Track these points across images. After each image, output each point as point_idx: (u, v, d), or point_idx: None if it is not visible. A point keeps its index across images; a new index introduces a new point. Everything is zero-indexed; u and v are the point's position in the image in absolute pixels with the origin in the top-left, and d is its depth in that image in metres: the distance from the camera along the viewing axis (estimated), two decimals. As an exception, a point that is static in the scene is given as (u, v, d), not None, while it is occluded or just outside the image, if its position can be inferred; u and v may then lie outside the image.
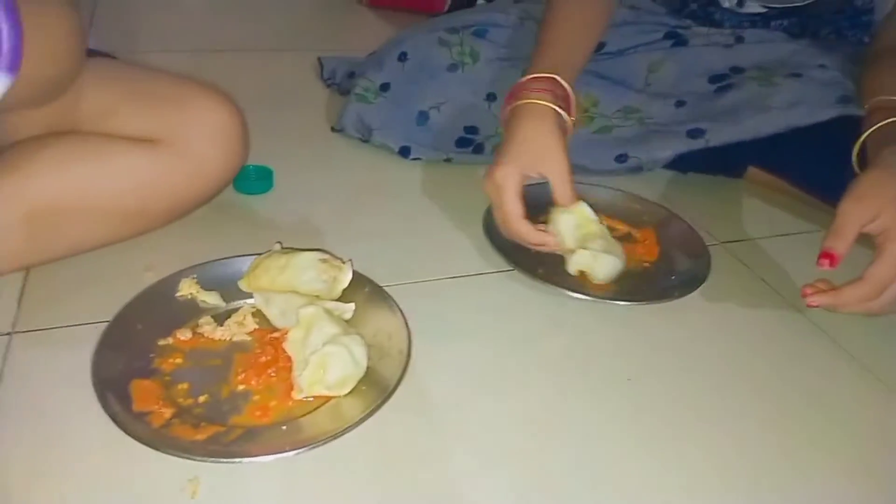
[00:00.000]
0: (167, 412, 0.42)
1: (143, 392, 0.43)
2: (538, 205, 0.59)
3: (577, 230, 0.58)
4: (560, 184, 0.56)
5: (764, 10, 0.78)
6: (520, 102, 0.58)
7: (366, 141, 0.77)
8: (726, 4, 0.79)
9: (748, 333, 0.56)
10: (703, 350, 0.53)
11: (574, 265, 0.58)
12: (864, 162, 0.57)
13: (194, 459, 0.39)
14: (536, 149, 0.56)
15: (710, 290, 0.58)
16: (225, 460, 0.39)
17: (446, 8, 1.23)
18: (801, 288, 0.51)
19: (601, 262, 0.57)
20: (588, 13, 0.67)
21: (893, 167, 0.51)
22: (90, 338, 0.46)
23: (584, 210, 0.58)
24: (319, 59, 0.96)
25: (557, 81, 0.59)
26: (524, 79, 0.60)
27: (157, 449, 0.39)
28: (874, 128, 0.57)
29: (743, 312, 0.58)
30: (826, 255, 0.49)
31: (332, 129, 0.80)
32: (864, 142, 0.58)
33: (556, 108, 0.57)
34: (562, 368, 0.50)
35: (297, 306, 0.46)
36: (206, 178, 0.57)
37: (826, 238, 0.50)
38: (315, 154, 0.76)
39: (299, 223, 0.64)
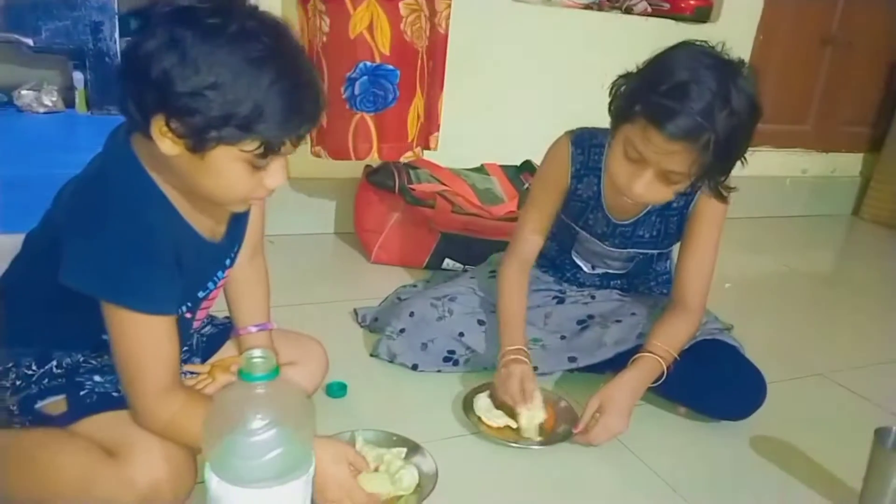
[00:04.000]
0: None
1: None
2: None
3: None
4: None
5: (605, 273, 1.43)
6: (510, 357, 1.20)
7: (391, 361, 1.36)
8: (586, 270, 1.44)
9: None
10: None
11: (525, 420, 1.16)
12: None
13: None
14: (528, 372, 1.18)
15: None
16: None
17: (424, 265, 1.89)
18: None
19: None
20: (521, 298, 1.30)
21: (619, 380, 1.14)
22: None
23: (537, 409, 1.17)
24: (355, 309, 1.57)
25: (525, 351, 1.22)
26: (509, 347, 1.22)
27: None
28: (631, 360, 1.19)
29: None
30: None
31: (370, 355, 1.40)
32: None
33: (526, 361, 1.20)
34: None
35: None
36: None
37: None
38: (361, 370, 1.34)
39: (365, 414, 1.20)
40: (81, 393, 0.88)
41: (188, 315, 0.95)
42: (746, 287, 2.10)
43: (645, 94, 1.04)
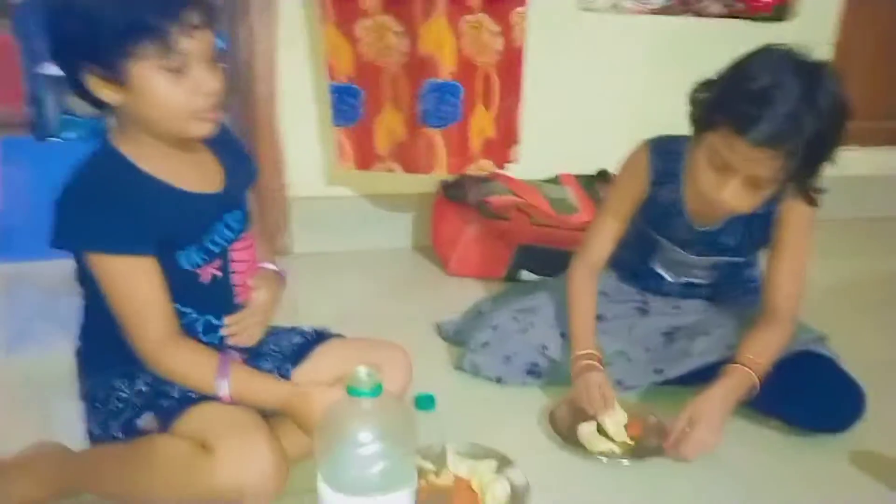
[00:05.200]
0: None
1: None
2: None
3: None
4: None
5: (689, 281, 1.41)
6: (583, 363, 1.23)
7: (475, 374, 1.38)
8: (669, 279, 1.42)
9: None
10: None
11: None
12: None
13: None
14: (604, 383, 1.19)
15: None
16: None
17: (501, 276, 1.91)
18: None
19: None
20: (590, 301, 1.31)
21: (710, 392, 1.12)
22: None
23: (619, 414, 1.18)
24: (437, 323, 1.60)
25: (597, 355, 1.24)
26: (580, 352, 1.24)
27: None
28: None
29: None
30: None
31: (455, 368, 1.42)
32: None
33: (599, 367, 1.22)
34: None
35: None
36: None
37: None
38: (447, 383, 1.37)
39: (454, 427, 1.23)
40: (165, 404, 0.96)
41: (216, 270, 1.00)
42: (841, 293, 2.01)
43: (727, 102, 1.04)
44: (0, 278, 1.81)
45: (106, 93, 0.87)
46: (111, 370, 0.99)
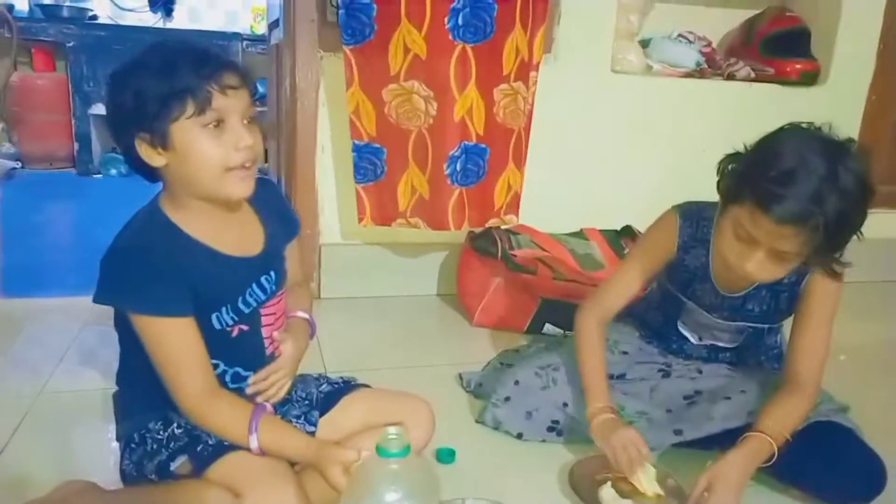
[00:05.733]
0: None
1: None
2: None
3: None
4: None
5: (712, 345, 1.42)
6: (602, 417, 1.24)
7: (496, 429, 1.40)
8: (693, 341, 1.43)
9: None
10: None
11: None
12: None
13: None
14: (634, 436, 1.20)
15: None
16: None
17: (525, 329, 1.93)
18: None
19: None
20: (600, 352, 1.33)
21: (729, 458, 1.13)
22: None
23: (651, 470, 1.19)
24: (460, 374, 1.63)
25: (613, 408, 1.25)
26: (597, 405, 1.25)
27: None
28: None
29: None
30: None
31: (476, 421, 1.44)
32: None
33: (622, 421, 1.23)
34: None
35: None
36: None
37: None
38: (468, 436, 1.39)
39: (474, 481, 1.24)
40: (198, 448, 1.00)
41: (244, 326, 1.04)
42: (864, 358, 2.00)
43: (752, 179, 1.07)
44: (39, 311, 1.87)
45: (154, 157, 0.94)
46: (147, 413, 1.03)
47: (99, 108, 3.64)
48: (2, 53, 3.72)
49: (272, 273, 1.08)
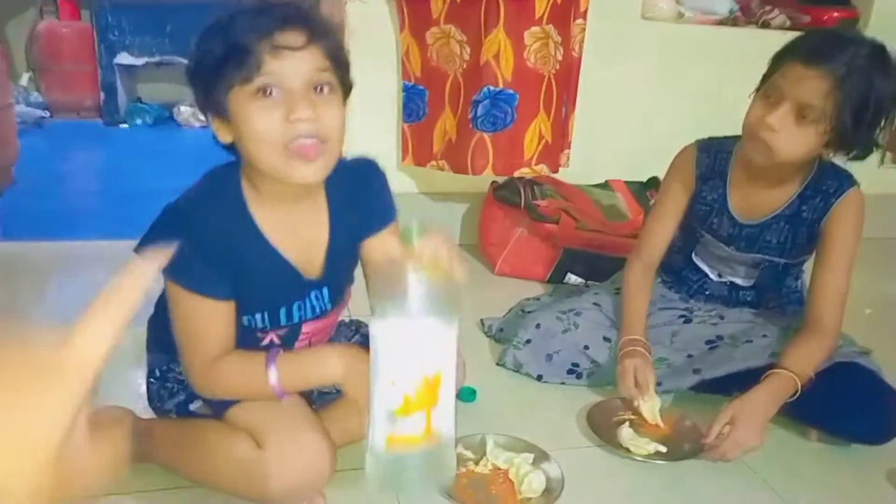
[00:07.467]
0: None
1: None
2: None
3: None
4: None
5: (731, 283, 1.42)
6: (627, 349, 1.25)
7: (517, 371, 1.41)
8: (713, 277, 1.43)
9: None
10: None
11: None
12: None
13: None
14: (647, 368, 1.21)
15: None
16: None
17: (546, 279, 1.93)
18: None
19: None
20: (644, 296, 1.34)
21: (753, 394, 1.13)
22: None
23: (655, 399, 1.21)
24: (481, 319, 1.64)
25: (644, 342, 1.26)
26: (627, 337, 1.27)
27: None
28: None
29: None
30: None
31: (497, 364, 1.45)
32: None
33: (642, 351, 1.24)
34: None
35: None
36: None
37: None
38: (488, 377, 1.40)
39: (494, 420, 1.26)
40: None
41: (276, 338, 0.97)
42: (890, 314, 1.98)
43: (795, 41, 1.18)
44: (66, 256, 1.91)
45: (220, 130, 0.84)
46: (173, 351, 0.96)
47: (124, 58, 3.64)
48: (28, 2, 3.73)
49: (325, 290, 0.98)
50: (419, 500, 1.00)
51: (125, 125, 3.74)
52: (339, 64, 0.84)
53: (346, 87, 0.87)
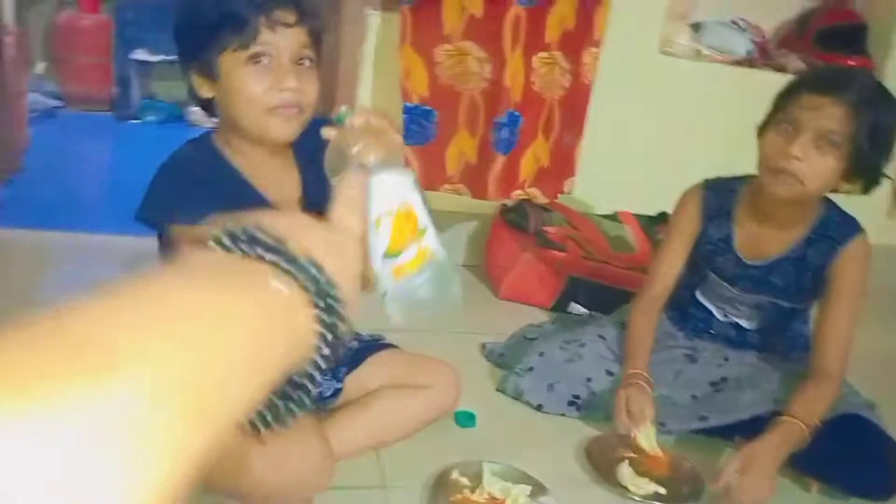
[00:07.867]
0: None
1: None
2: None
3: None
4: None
5: (737, 324, 1.41)
6: (625, 382, 1.24)
7: (517, 398, 1.40)
8: (718, 317, 1.42)
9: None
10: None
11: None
12: None
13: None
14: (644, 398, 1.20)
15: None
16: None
17: (550, 306, 1.92)
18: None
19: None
20: (649, 330, 1.33)
21: (763, 441, 1.11)
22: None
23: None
24: (483, 343, 1.63)
25: (645, 376, 1.25)
26: (630, 371, 1.25)
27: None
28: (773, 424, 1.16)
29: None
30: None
31: (497, 390, 1.44)
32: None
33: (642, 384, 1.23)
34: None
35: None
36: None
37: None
38: (487, 403, 1.39)
39: (492, 447, 1.25)
40: None
41: None
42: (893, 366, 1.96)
43: (802, 77, 1.23)
44: (75, 249, 1.90)
45: (202, 87, 0.94)
46: None
47: (140, 54, 3.65)
48: (49, -9, 3.75)
49: None
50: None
51: (136, 120, 3.74)
52: (318, 42, 0.97)
53: (321, 63, 0.99)
